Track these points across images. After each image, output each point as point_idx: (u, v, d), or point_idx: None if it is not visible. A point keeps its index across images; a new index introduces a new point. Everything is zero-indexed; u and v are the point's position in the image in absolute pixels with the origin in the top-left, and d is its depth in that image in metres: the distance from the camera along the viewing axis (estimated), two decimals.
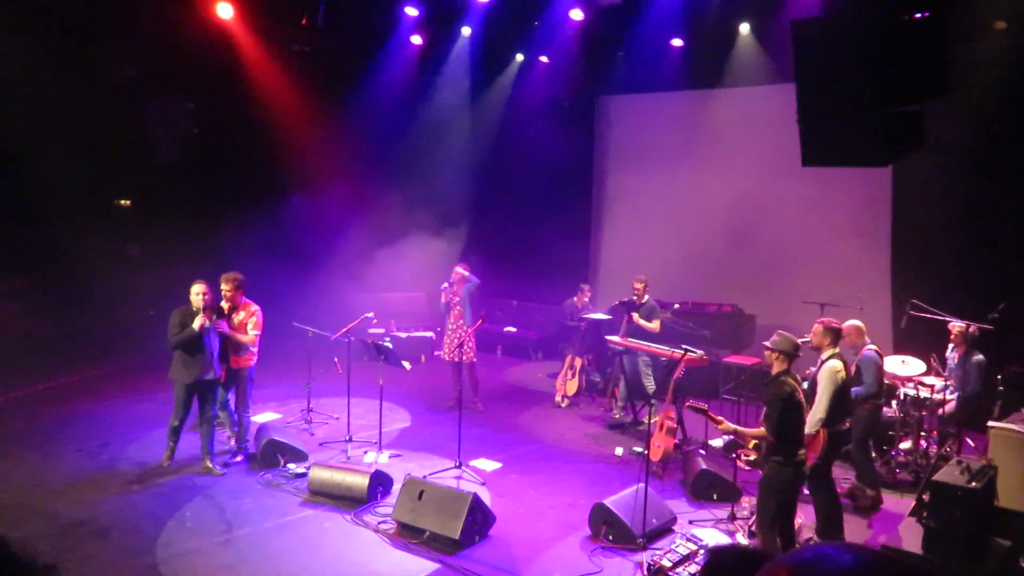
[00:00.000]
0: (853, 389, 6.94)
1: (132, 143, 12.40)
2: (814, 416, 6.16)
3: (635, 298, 9.96)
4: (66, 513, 6.69)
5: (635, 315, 9.77)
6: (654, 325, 9.72)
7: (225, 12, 11.32)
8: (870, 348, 7.46)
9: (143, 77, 12.30)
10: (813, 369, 6.71)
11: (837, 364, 6.31)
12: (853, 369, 7.20)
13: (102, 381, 11.27)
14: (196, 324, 7.49)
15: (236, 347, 7.99)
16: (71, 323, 12.45)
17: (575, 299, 11.81)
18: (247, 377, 8.18)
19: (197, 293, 7.55)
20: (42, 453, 8.18)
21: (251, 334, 8.01)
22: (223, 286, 7.98)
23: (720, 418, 5.91)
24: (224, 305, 7.96)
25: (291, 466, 7.83)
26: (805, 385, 6.12)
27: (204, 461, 7.82)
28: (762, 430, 5.63)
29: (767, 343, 5.81)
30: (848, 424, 6.57)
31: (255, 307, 8.10)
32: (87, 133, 11.62)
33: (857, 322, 7.54)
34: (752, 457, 5.94)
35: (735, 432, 5.85)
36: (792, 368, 5.74)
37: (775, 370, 5.72)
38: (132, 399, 10.37)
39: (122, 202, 13.86)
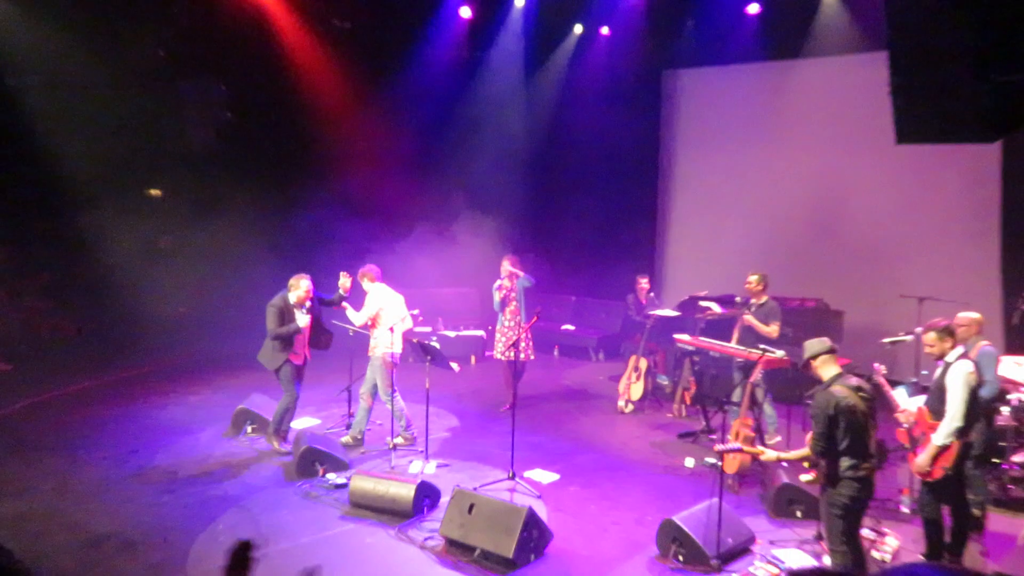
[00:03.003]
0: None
1: (162, 129, 12.66)
2: (950, 425, 5.96)
3: (749, 297, 9.45)
4: (91, 525, 6.81)
5: (748, 316, 9.22)
6: (771, 329, 9.02)
7: None
8: (987, 344, 7.19)
9: (173, 59, 12.53)
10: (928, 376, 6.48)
11: (968, 365, 6.06)
12: None
13: (131, 384, 11.49)
14: (302, 322, 8.46)
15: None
16: (99, 321, 12.76)
17: (636, 292, 11.80)
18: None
19: (307, 290, 8.50)
20: (68, 460, 8.36)
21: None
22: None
23: (760, 448, 5.80)
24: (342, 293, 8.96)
25: (330, 476, 7.87)
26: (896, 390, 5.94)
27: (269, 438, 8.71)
28: (806, 450, 5.49)
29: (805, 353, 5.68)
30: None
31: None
32: (114, 118, 11.87)
33: (974, 314, 7.26)
34: (809, 476, 5.77)
35: (782, 461, 5.70)
36: (847, 368, 5.58)
37: (824, 376, 5.56)
38: (163, 403, 10.56)
39: (152, 192, 14.15)
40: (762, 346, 8.56)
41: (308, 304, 8.59)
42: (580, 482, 8.10)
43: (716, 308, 10.31)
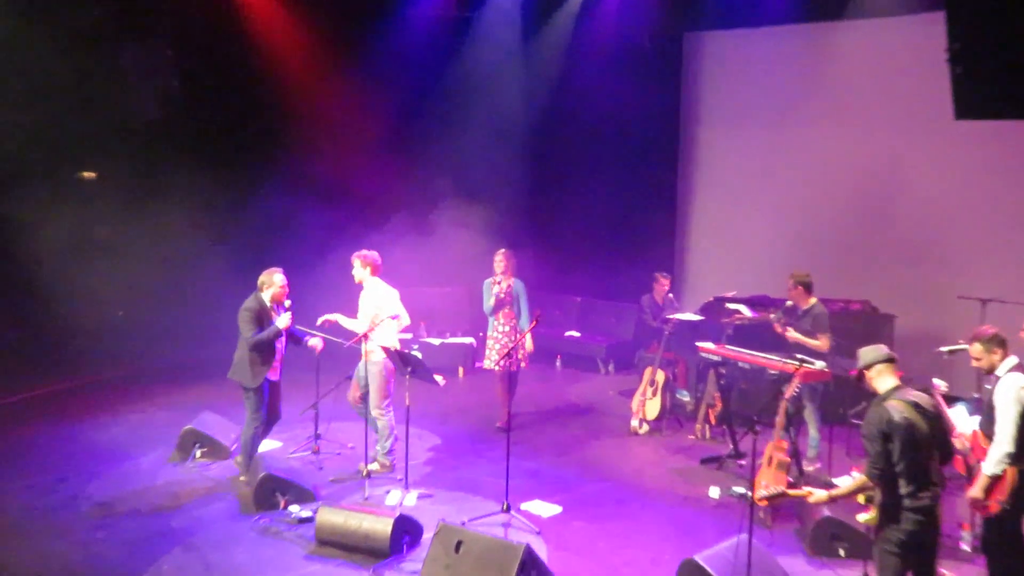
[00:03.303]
0: None
1: (99, 99, 12.54)
2: (999, 451, 5.92)
3: (795, 303, 9.40)
4: (11, 566, 6.73)
5: (789, 330, 9.18)
6: (820, 342, 9.00)
7: None
8: None
9: (112, 18, 12.41)
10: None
11: (1020, 379, 6.05)
12: None
13: (60, 399, 11.42)
14: (282, 323, 8.45)
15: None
16: (21, 326, 12.65)
17: (653, 293, 11.83)
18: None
19: (281, 285, 8.52)
20: None
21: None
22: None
23: (807, 490, 5.72)
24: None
25: (294, 508, 7.82)
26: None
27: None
28: (861, 478, 5.41)
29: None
30: None
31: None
32: (42, 86, 11.75)
33: None
34: (868, 515, 5.67)
35: (835, 499, 5.63)
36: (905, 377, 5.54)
37: (880, 389, 5.51)
38: (97, 422, 10.49)
39: (85, 174, 14.05)
40: (800, 356, 8.55)
41: (288, 302, 8.64)
42: (586, 516, 8.08)
43: (746, 311, 10.27)
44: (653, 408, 10.78)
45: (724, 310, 10.62)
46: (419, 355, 8.32)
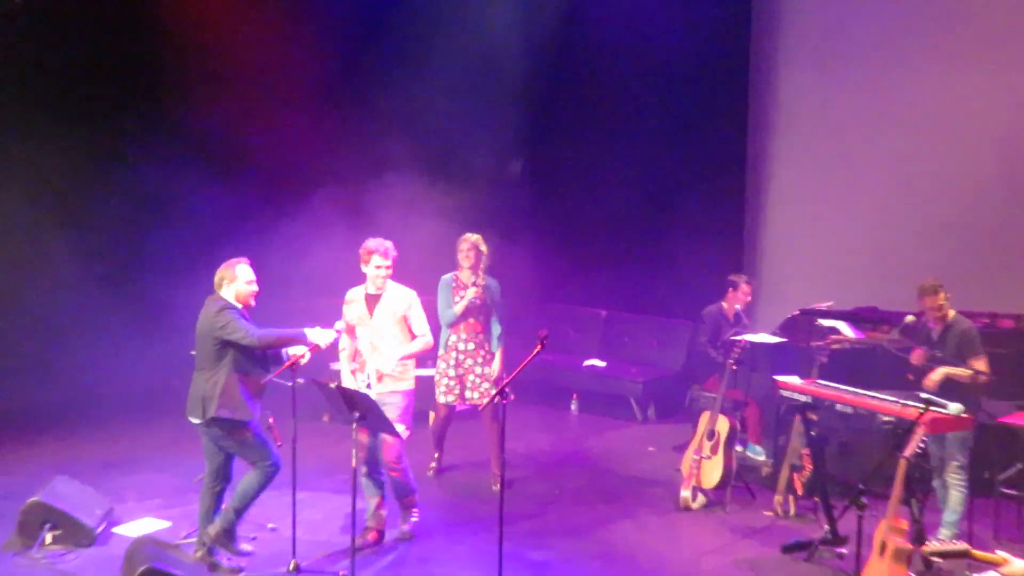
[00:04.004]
0: None
1: None
2: None
3: (912, 318, 9.40)
4: None
5: (943, 370, 9.07)
6: (979, 366, 8.96)
7: None
8: None
9: None
10: None
11: None
12: None
13: None
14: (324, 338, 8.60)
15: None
16: None
17: (724, 303, 11.86)
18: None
19: (248, 280, 8.58)
20: None
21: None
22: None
23: (1000, 555, 5.58)
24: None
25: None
26: None
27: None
28: None
29: None
30: None
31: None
32: None
33: None
34: None
35: None
36: None
37: None
38: None
39: None
40: (925, 396, 8.40)
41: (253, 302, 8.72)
42: None
43: (847, 331, 10.23)
44: (713, 472, 10.72)
45: (815, 329, 10.70)
46: (373, 395, 8.19)
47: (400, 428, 8.71)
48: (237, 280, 8.47)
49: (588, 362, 14.54)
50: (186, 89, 13.76)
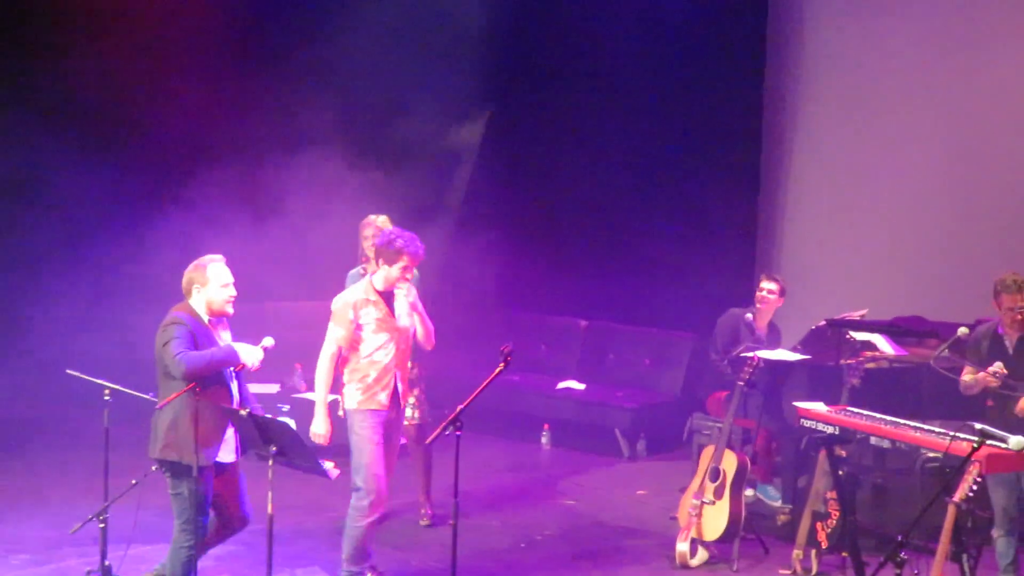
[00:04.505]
0: None
1: None
2: None
3: (966, 329, 9.40)
4: None
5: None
6: None
7: None
8: None
9: None
10: None
11: None
12: None
13: None
14: (252, 356, 8.55)
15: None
16: None
17: (748, 310, 11.87)
18: None
19: (224, 284, 8.50)
20: None
21: None
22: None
23: None
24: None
25: None
26: None
27: None
28: None
29: None
30: None
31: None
32: None
33: None
34: None
35: None
36: None
37: None
38: None
39: None
40: (980, 426, 8.54)
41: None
42: None
43: (884, 346, 10.34)
44: (717, 520, 10.78)
45: (846, 344, 10.72)
46: (292, 424, 8.32)
47: (328, 466, 8.70)
48: (209, 284, 8.37)
49: (563, 384, 14.43)
50: (52, 41, 13.64)
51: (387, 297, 9.37)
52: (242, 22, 14.59)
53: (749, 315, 11.86)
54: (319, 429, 9.42)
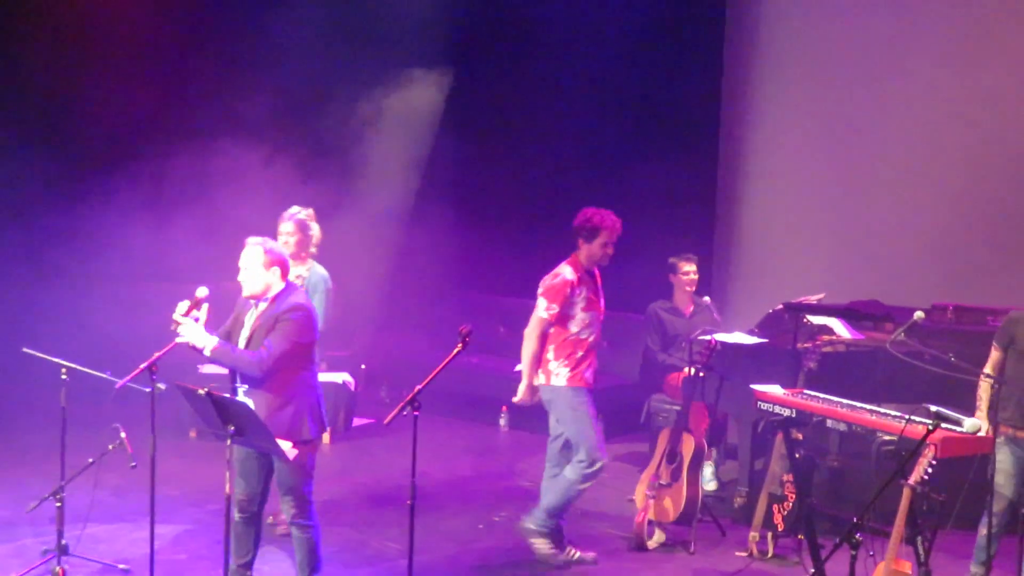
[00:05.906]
0: None
1: None
2: None
3: (921, 313, 9.30)
4: None
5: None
6: None
7: None
8: None
9: None
10: None
11: None
12: None
13: None
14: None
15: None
16: None
17: (673, 297, 12.01)
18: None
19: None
20: None
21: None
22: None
23: None
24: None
25: None
26: None
27: None
28: None
29: None
30: None
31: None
32: None
33: None
34: None
35: None
36: None
37: None
38: None
39: None
40: (935, 409, 8.54)
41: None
42: None
43: (841, 330, 10.35)
44: (673, 503, 10.86)
45: (802, 327, 10.73)
46: (251, 404, 8.27)
47: (286, 446, 8.62)
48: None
49: (519, 367, 14.54)
50: (73, 59, 13.67)
51: (591, 276, 9.77)
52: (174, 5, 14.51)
53: (668, 304, 12.10)
54: (524, 397, 10.45)
